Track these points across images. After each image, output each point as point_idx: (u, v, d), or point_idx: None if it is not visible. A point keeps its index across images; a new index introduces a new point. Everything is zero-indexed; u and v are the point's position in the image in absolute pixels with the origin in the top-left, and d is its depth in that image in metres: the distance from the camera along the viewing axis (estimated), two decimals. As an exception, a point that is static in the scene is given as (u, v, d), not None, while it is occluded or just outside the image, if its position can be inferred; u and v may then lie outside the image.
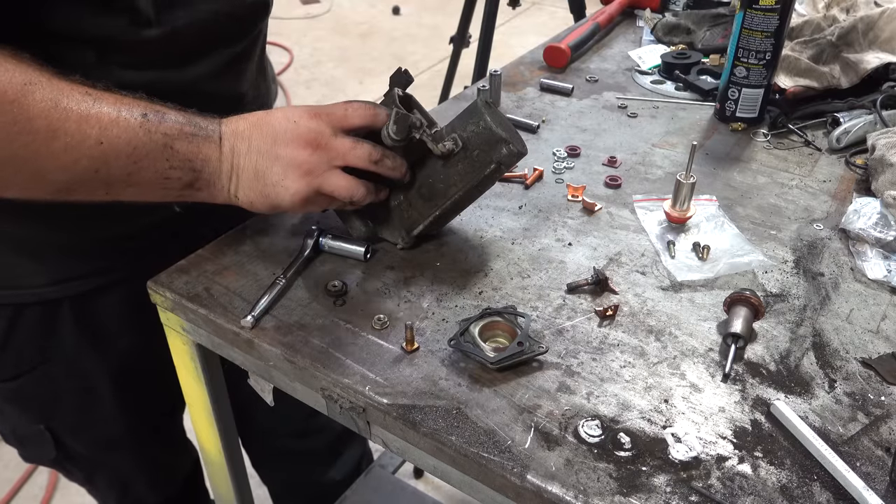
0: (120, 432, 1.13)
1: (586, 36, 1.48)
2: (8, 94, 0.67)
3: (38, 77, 0.70)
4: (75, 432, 1.10)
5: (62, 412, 1.07)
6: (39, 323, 0.98)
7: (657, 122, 1.23)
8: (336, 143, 0.78)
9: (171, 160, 0.75)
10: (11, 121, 0.68)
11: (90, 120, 0.71)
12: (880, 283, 0.87)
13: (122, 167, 0.74)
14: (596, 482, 0.63)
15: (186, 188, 0.79)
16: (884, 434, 0.68)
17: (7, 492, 1.99)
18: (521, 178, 1.05)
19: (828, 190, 1.05)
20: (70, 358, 1.02)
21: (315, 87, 4.20)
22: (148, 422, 1.17)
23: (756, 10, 1.11)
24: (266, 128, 0.78)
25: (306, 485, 1.60)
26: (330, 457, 1.60)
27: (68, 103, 0.70)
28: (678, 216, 0.95)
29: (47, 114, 0.69)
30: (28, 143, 0.70)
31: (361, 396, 0.71)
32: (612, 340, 0.78)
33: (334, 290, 0.83)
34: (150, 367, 1.07)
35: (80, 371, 1.04)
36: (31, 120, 0.69)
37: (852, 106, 1.19)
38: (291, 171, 0.78)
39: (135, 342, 1.05)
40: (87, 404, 1.07)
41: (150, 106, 0.75)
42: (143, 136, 0.73)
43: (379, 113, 0.81)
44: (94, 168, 0.73)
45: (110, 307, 1.01)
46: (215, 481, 1.09)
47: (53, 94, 0.70)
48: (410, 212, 0.88)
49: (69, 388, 1.05)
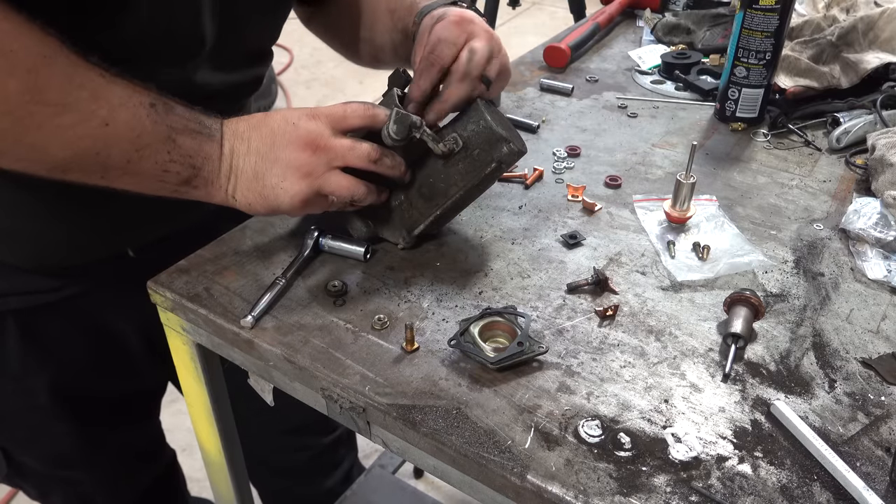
0: (72, 448, 1.09)
1: (586, 36, 1.48)
2: (27, 62, 0.67)
3: (60, 50, 0.69)
4: (26, 448, 1.07)
5: (9, 429, 1.05)
6: None
7: (657, 122, 1.23)
8: (335, 143, 0.78)
9: (172, 153, 0.75)
10: (25, 89, 0.67)
11: (100, 100, 0.71)
12: (880, 283, 0.87)
13: (123, 152, 0.73)
14: (596, 482, 0.63)
15: (183, 184, 0.78)
16: (884, 434, 0.68)
17: (7, 492, 1.99)
18: (521, 178, 1.05)
19: (828, 190, 1.05)
20: (16, 374, 0.99)
21: (315, 87, 4.20)
22: (105, 435, 1.13)
23: (756, 10, 1.11)
24: (265, 129, 0.78)
25: (296, 495, 1.59)
26: (318, 472, 1.58)
27: (82, 80, 0.70)
28: (678, 216, 0.95)
29: (60, 87, 0.69)
30: (37, 113, 0.69)
31: (361, 396, 0.71)
32: (612, 340, 0.78)
33: (334, 290, 0.83)
34: (102, 382, 1.05)
35: (26, 388, 1.01)
36: (44, 91, 0.68)
37: (852, 106, 1.19)
38: (291, 173, 0.77)
39: (83, 356, 1.02)
40: (34, 421, 1.04)
41: (159, 97, 0.75)
42: (148, 125, 0.73)
43: (378, 113, 0.80)
44: (95, 149, 0.72)
45: (56, 323, 0.98)
46: (215, 481, 1.09)
47: (70, 70, 0.69)
48: (411, 211, 0.88)
49: (15, 405, 1.02)
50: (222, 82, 0.92)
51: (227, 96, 0.95)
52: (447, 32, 0.85)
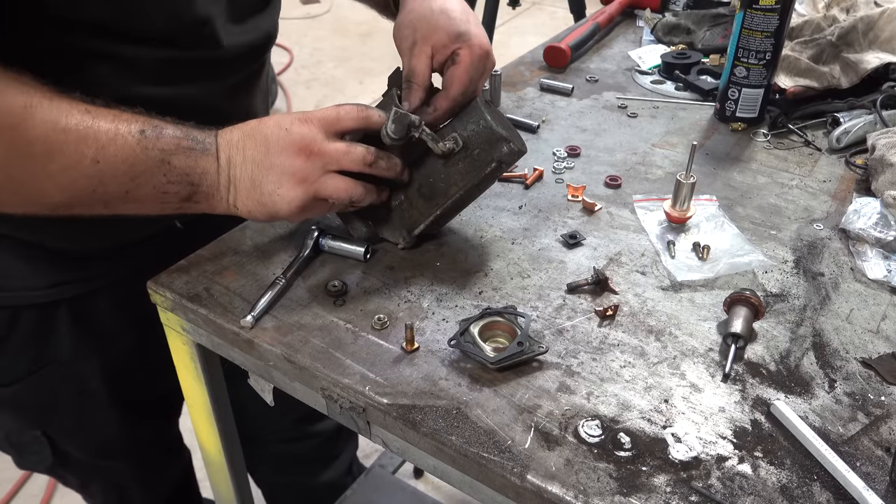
0: (116, 436, 1.12)
1: (586, 36, 1.48)
2: (8, 119, 0.68)
3: (39, 99, 0.70)
4: (72, 437, 1.10)
5: (59, 417, 1.07)
6: (36, 326, 0.98)
7: (657, 122, 1.23)
8: (329, 147, 0.78)
9: (168, 175, 0.76)
10: (10, 145, 0.69)
11: (88, 140, 0.72)
12: (880, 283, 0.87)
13: (119, 185, 0.75)
14: (596, 482, 0.63)
15: (185, 201, 0.79)
16: (884, 434, 0.68)
17: (7, 492, 1.99)
18: (521, 178, 1.05)
19: (828, 190, 1.05)
20: (66, 360, 1.02)
21: (315, 87, 4.20)
22: (144, 426, 1.17)
23: (756, 10, 1.11)
24: (259, 137, 0.78)
25: (299, 488, 1.60)
26: (321, 461, 1.59)
27: (66, 124, 0.71)
28: (678, 216, 0.95)
29: (46, 136, 0.70)
30: (26, 166, 0.71)
31: (361, 396, 0.71)
32: (612, 340, 0.78)
33: (334, 290, 0.83)
34: (146, 371, 1.07)
35: (76, 374, 1.03)
36: (30, 143, 0.70)
37: (852, 106, 1.19)
38: (286, 180, 0.77)
39: (132, 344, 1.05)
40: (83, 408, 1.07)
41: (148, 121, 0.76)
42: (140, 154, 0.74)
43: (371, 115, 0.80)
44: (91, 187, 0.74)
45: (108, 309, 1.01)
46: (215, 481, 1.09)
47: (53, 116, 0.71)
48: (411, 211, 0.88)
49: (65, 392, 1.05)
50: (239, 42, 0.91)
51: (246, 56, 0.95)
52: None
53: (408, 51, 0.88)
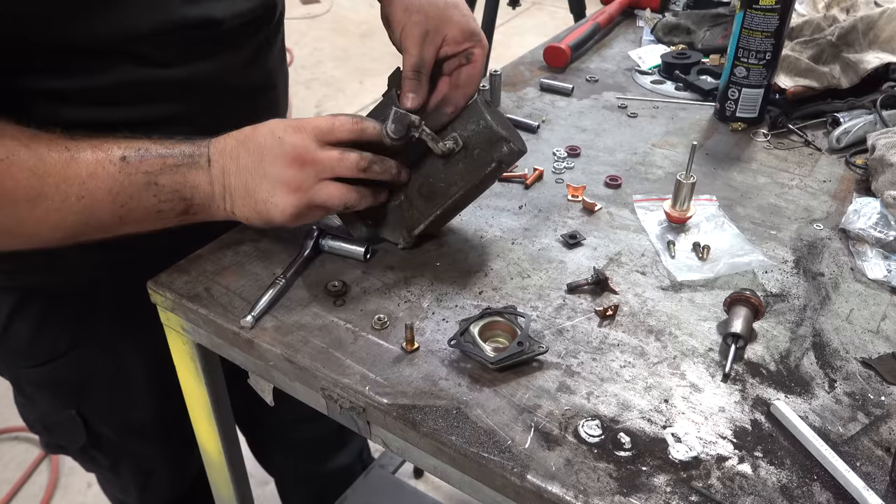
0: (149, 417, 1.13)
1: (586, 36, 1.48)
2: None
3: (17, 146, 0.72)
4: (105, 416, 1.10)
5: (93, 394, 1.07)
6: (77, 306, 0.99)
7: (657, 122, 1.23)
8: (322, 155, 0.78)
9: (158, 195, 0.77)
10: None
11: (69, 179, 0.73)
12: (880, 283, 0.87)
13: (109, 213, 0.76)
14: (596, 482, 0.63)
15: (182, 215, 0.80)
16: (884, 434, 0.68)
17: (7, 492, 1.99)
18: (521, 178, 1.05)
19: (828, 190, 1.05)
20: (104, 338, 1.02)
21: (315, 87, 4.20)
22: (175, 408, 1.16)
23: (756, 10, 1.11)
24: (252, 145, 0.79)
25: (313, 475, 1.60)
26: (335, 443, 1.60)
27: (45, 168, 0.73)
28: (678, 216, 0.95)
29: (27, 184, 0.72)
30: (13, 214, 0.73)
31: (361, 396, 0.71)
32: (612, 340, 0.78)
33: (334, 290, 0.83)
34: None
35: (113, 351, 1.04)
36: (12, 193, 0.72)
37: (852, 106, 1.19)
38: (279, 189, 0.78)
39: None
40: (118, 385, 1.07)
41: (131, 145, 0.76)
42: (123, 180, 0.75)
43: (366, 127, 0.80)
44: (83, 221, 0.75)
45: (145, 288, 1.01)
46: (215, 481, 1.09)
47: (31, 163, 0.72)
48: (411, 211, 0.88)
49: (102, 371, 1.05)
50: (238, 12, 0.90)
51: (247, 28, 0.93)
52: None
53: (418, 38, 0.85)
